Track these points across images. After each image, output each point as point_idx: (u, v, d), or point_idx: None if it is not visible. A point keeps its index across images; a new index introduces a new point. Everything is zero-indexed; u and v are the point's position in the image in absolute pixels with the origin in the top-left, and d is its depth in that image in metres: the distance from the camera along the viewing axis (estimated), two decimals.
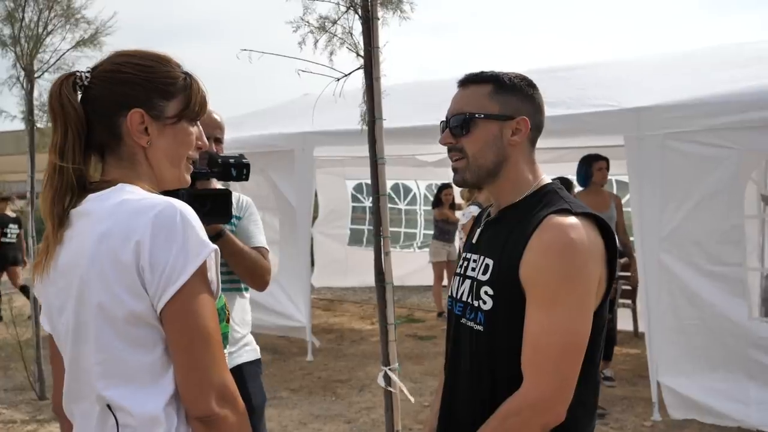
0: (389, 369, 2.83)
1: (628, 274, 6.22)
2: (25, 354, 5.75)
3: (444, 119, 1.69)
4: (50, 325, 1.36)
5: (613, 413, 4.97)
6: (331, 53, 3.01)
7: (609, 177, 6.03)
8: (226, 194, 2.16)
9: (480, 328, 1.58)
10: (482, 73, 1.66)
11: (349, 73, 2.86)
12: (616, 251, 1.53)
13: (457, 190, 8.63)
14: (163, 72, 1.34)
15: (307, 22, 2.95)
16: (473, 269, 1.65)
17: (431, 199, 9.75)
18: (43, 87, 5.58)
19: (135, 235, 1.19)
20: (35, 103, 5.63)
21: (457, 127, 1.62)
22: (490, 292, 1.55)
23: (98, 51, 5.54)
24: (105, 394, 1.23)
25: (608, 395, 5.36)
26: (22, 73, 5.61)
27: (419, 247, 11.28)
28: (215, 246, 1.26)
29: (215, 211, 2.09)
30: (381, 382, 2.84)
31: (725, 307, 4.36)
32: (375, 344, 6.58)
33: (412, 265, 10.25)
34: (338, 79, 2.93)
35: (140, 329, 1.22)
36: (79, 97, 1.33)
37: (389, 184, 12.36)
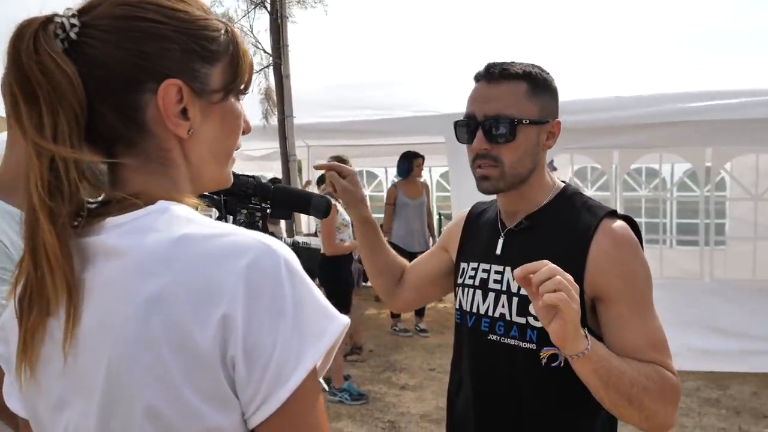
0: None
1: None
2: None
3: (467, 118, 1.37)
4: (30, 411, 0.77)
5: (436, 359, 5.48)
6: None
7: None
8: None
9: (532, 346, 1.33)
10: (513, 66, 1.35)
11: (260, 70, 2.87)
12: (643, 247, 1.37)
13: None
14: (201, 19, 0.76)
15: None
16: (497, 281, 1.40)
17: None
18: None
19: (219, 304, 0.65)
20: None
21: (497, 133, 1.32)
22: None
23: None
24: None
25: (426, 344, 5.93)
26: None
27: None
28: (346, 319, 0.72)
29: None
30: None
31: None
32: None
33: None
34: None
35: None
36: None
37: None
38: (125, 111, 0.73)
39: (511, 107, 1.32)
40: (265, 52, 2.80)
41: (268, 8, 2.66)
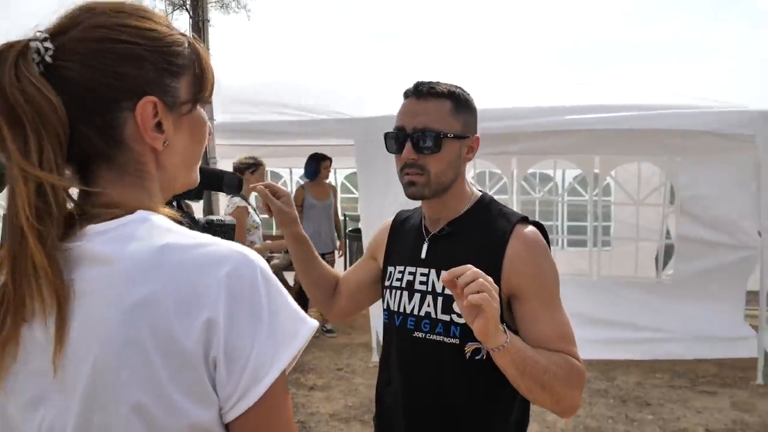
0: None
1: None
2: None
3: (397, 130, 1.46)
4: None
5: (343, 359, 5.54)
6: None
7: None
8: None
9: (455, 341, 1.43)
10: (438, 86, 1.45)
11: None
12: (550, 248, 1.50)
13: None
14: (167, 36, 0.79)
15: None
16: (423, 283, 1.49)
17: None
18: None
19: (203, 309, 0.69)
20: None
21: (424, 145, 1.42)
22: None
23: None
24: None
25: (333, 344, 5.96)
26: None
27: None
28: (315, 322, 0.77)
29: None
30: None
31: None
32: None
33: None
34: None
35: None
36: None
37: None
38: (104, 129, 0.76)
39: (437, 122, 1.43)
40: None
41: (190, 11, 2.60)
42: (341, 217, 7.93)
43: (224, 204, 5.07)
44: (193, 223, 1.10)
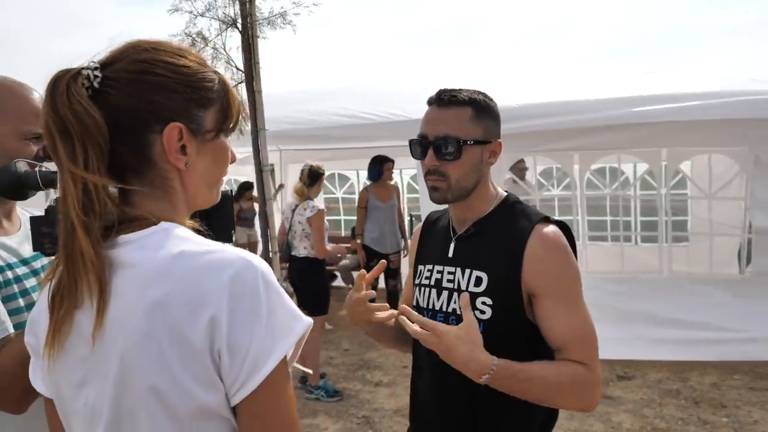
0: None
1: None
2: None
3: (420, 138, 1.51)
4: (52, 389, 0.93)
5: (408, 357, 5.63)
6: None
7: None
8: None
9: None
10: (459, 93, 1.50)
11: (233, 86, 2.95)
12: (575, 248, 1.51)
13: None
14: (199, 73, 0.92)
15: (190, 35, 2.99)
16: (450, 281, 1.54)
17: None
18: None
19: (207, 308, 0.80)
20: None
21: (445, 152, 1.47)
22: (489, 302, 1.45)
23: None
24: None
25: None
26: None
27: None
28: (309, 319, 0.90)
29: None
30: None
31: None
32: None
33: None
34: None
35: (209, 423, 0.85)
36: None
37: None
38: (136, 147, 0.90)
39: (458, 129, 1.48)
40: (237, 69, 2.88)
41: (240, 28, 2.76)
42: (407, 217, 7.99)
43: (288, 205, 5.20)
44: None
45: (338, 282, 7.86)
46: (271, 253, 2.79)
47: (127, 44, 0.92)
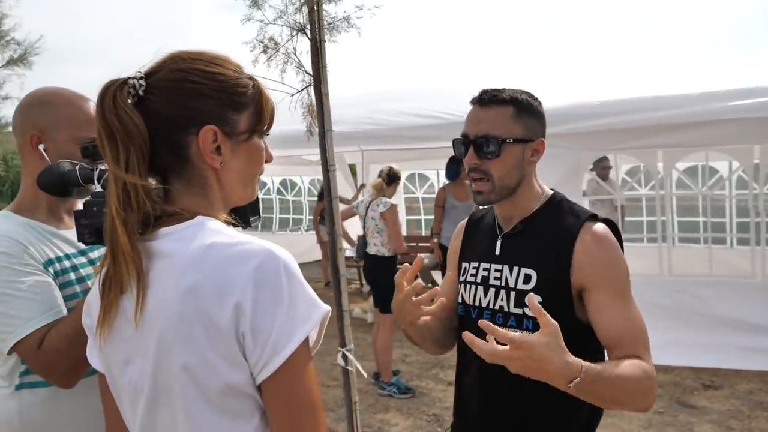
0: (346, 350, 2.77)
1: None
2: None
3: (462, 137, 1.54)
4: (104, 365, 1.04)
5: None
6: (282, 71, 3.17)
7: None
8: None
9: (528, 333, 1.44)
10: (501, 93, 1.51)
11: (302, 90, 3.03)
12: (623, 247, 1.51)
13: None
14: (233, 79, 1.00)
15: (262, 42, 3.13)
16: (497, 278, 1.55)
17: (314, 191, 10.51)
18: None
19: (233, 295, 0.88)
20: None
21: (486, 150, 1.49)
22: (539, 299, 1.43)
23: (28, 69, 5.31)
24: None
25: None
26: None
27: (306, 230, 11.40)
28: (327, 307, 0.96)
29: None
30: (340, 361, 2.78)
31: None
32: None
33: (303, 246, 10.33)
34: (293, 95, 2.99)
35: (236, 399, 0.93)
36: None
37: (278, 180, 12.33)
38: (175, 149, 0.98)
39: (498, 128, 1.49)
40: (306, 72, 2.97)
41: (308, 34, 2.86)
42: None
43: (352, 200, 5.31)
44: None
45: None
46: (336, 250, 2.87)
47: (168, 55, 1.00)
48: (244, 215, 1.20)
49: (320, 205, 9.53)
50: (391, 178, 5.16)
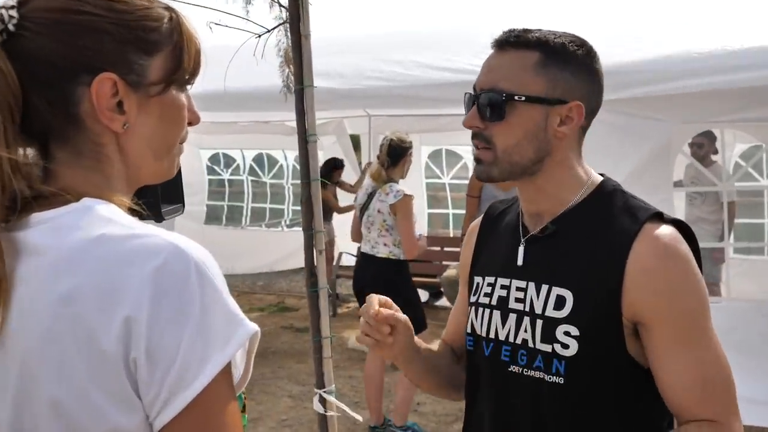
0: (324, 392, 2.72)
1: None
2: None
3: (471, 92, 1.48)
4: None
5: None
6: (248, 3, 3.09)
7: None
8: None
9: (560, 380, 1.43)
10: (528, 33, 1.45)
11: (273, 29, 2.95)
12: (701, 260, 1.46)
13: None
14: (141, 9, 0.96)
15: None
16: (519, 300, 1.50)
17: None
18: None
19: (123, 305, 0.83)
20: None
21: (487, 109, 1.43)
22: (575, 332, 1.40)
23: None
24: None
25: None
26: None
27: (288, 226, 11.39)
28: (255, 326, 0.92)
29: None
30: (317, 407, 2.74)
31: None
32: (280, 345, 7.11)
33: (285, 247, 10.24)
34: (259, 36, 2.96)
35: None
36: None
37: (251, 154, 12.29)
38: (59, 104, 0.94)
39: (509, 80, 1.43)
40: (280, 6, 2.91)
41: None
42: None
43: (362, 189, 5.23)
44: None
45: (443, 301, 7.85)
46: (315, 252, 2.79)
47: None
48: (155, 201, 1.19)
49: (326, 194, 9.43)
50: (393, 156, 4.97)
